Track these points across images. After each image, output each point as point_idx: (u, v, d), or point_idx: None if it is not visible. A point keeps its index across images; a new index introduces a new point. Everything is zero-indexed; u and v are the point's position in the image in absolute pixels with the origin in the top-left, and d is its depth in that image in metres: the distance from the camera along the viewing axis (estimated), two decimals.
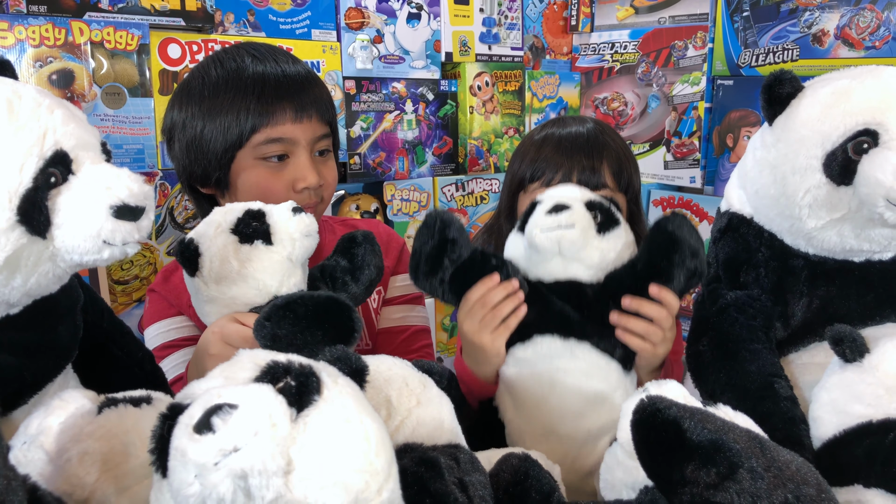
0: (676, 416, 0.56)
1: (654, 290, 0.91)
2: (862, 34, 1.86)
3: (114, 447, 0.57)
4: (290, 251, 0.86)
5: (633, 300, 0.92)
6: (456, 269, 0.95)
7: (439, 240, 0.94)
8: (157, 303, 1.16)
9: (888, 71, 0.83)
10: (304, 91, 1.10)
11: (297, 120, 1.08)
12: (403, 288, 1.28)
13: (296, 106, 1.08)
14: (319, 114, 1.11)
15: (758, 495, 0.53)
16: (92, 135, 0.68)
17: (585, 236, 0.91)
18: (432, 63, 2.21)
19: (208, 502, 0.44)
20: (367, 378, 0.57)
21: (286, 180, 1.09)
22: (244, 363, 0.51)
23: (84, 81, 1.60)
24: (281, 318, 0.77)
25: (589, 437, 0.93)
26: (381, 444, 0.49)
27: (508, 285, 0.94)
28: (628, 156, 1.22)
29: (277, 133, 1.07)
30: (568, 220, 0.90)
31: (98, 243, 0.64)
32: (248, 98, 1.06)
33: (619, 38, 2.43)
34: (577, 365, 0.93)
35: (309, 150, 1.11)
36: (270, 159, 1.08)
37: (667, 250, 0.91)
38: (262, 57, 1.11)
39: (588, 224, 0.91)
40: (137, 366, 0.88)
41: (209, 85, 1.09)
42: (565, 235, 0.90)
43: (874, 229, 0.81)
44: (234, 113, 1.06)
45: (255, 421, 0.45)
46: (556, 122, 1.26)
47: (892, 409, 0.71)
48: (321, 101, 1.12)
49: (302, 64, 1.16)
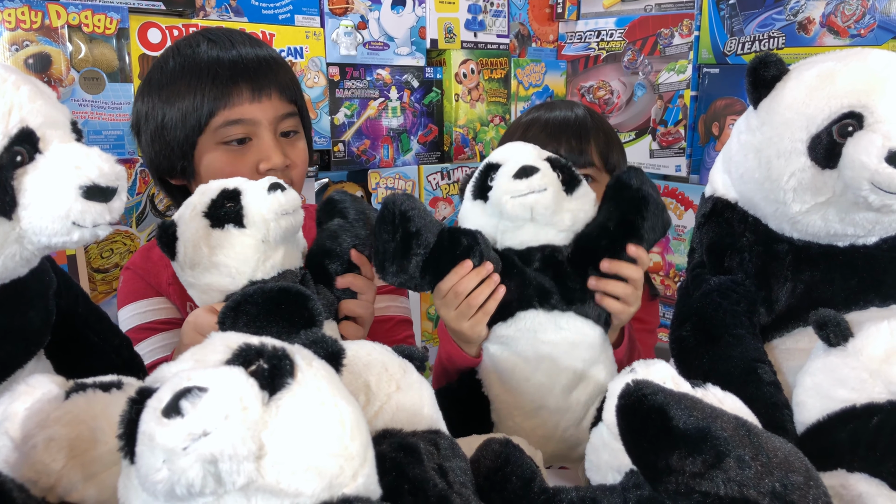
0: (663, 403, 0.55)
1: (632, 250, 0.90)
2: (847, 22, 1.85)
3: (81, 433, 0.55)
4: (265, 233, 0.84)
5: (613, 263, 0.90)
6: (425, 259, 0.90)
7: (402, 236, 0.89)
8: (133, 281, 1.14)
9: (873, 54, 0.82)
10: (261, 71, 1.08)
11: (254, 99, 1.06)
12: None
13: (253, 86, 1.06)
14: (280, 92, 1.09)
15: (745, 484, 0.52)
16: (61, 113, 0.67)
17: (557, 199, 0.88)
18: (417, 50, 2.19)
19: (177, 488, 0.42)
20: (343, 362, 0.55)
21: (249, 163, 1.07)
22: (216, 346, 0.50)
23: (61, 66, 1.57)
24: (234, 320, 0.76)
25: (578, 407, 0.93)
26: (356, 428, 0.48)
27: (482, 270, 0.89)
28: (616, 141, 1.23)
29: (236, 114, 1.05)
30: (540, 184, 0.86)
31: (67, 225, 0.62)
32: (203, 82, 1.05)
33: (605, 25, 2.42)
34: (562, 336, 0.92)
35: (272, 130, 1.08)
36: (231, 143, 1.07)
37: (638, 207, 0.90)
38: (217, 41, 1.10)
39: (558, 186, 0.89)
40: (114, 352, 0.87)
41: (167, 74, 1.08)
42: (539, 200, 0.86)
43: (858, 213, 0.81)
44: (191, 99, 1.05)
45: (226, 404, 0.43)
46: (545, 106, 1.26)
47: (875, 393, 0.70)
48: (282, 80, 1.10)
49: (263, 47, 1.14)
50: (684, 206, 2.20)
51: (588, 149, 1.16)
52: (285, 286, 0.79)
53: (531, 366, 0.93)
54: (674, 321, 0.95)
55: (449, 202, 2.27)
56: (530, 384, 0.94)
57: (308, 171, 1.99)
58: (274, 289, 0.78)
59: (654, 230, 0.91)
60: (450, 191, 2.27)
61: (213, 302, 0.86)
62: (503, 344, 0.95)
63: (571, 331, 0.92)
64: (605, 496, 0.64)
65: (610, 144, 1.20)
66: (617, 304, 0.92)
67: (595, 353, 0.93)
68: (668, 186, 2.24)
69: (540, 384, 0.93)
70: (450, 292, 0.91)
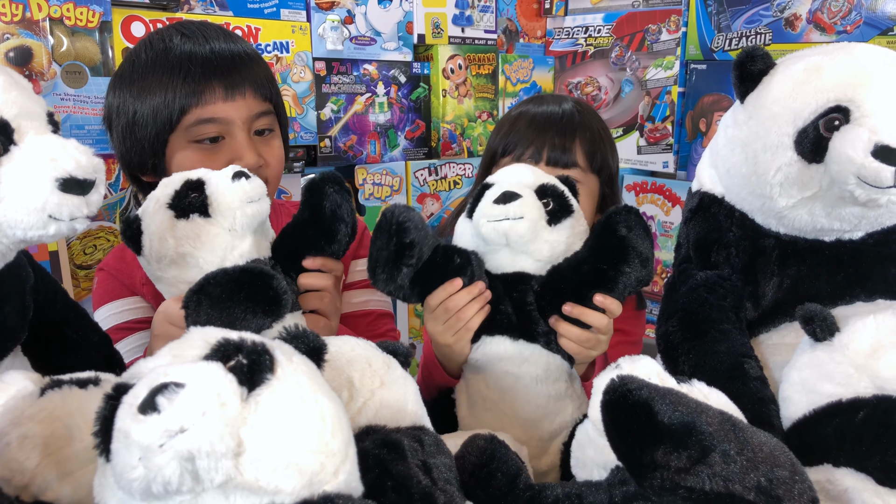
0: (647, 398, 0.55)
1: (598, 299, 0.87)
2: (833, 18, 1.86)
3: (56, 430, 0.54)
4: (231, 222, 0.82)
5: (575, 308, 0.88)
6: (417, 271, 0.90)
7: (396, 245, 0.88)
8: (107, 282, 1.12)
9: (860, 48, 0.82)
10: (234, 68, 1.04)
11: (227, 98, 1.03)
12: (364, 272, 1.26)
13: (226, 84, 1.03)
14: (255, 90, 1.06)
15: (730, 479, 0.52)
16: (37, 104, 0.65)
17: (535, 229, 0.87)
18: (404, 45, 2.18)
19: (153, 486, 0.42)
20: (325, 357, 0.55)
21: (221, 162, 1.02)
22: (194, 341, 0.49)
23: (43, 59, 1.55)
24: (197, 304, 0.75)
25: (541, 442, 0.92)
26: (337, 424, 0.47)
27: (473, 288, 0.90)
28: (604, 137, 1.20)
29: (208, 113, 1.02)
30: (516, 212, 0.85)
31: (43, 218, 0.61)
32: (175, 78, 1.01)
33: (592, 21, 2.42)
34: (526, 370, 0.91)
35: (246, 129, 1.05)
36: (203, 141, 1.04)
37: (615, 258, 0.86)
38: (190, 35, 1.06)
39: (538, 215, 0.87)
40: (94, 349, 0.85)
41: (138, 67, 1.05)
42: (513, 228, 0.86)
43: (845, 208, 0.80)
44: (162, 95, 1.02)
45: (203, 400, 0.42)
46: (535, 99, 1.25)
47: (861, 387, 0.70)
48: (256, 77, 1.07)
49: (239, 42, 1.11)
50: (671, 202, 2.20)
51: (572, 147, 1.14)
52: (248, 266, 0.77)
53: (495, 395, 0.92)
54: (660, 317, 0.95)
55: (436, 198, 2.27)
56: (492, 414, 0.93)
57: (294, 167, 1.99)
58: (237, 269, 0.77)
59: (627, 286, 0.87)
60: (437, 187, 2.26)
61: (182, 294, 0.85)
62: (474, 368, 0.95)
63: (537, 365, 0.91)
64: (591, 492, 0.63)
65: (597, 143, 1.17)
66: (575, 346, 0.90)
67: (560, 389, 0.92)
68: (656, 183, 2.24)
69: (502, 414, 0.92)
70: (439, 307, 0.91)
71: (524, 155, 1.13)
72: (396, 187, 2.18)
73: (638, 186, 2.28)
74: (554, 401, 0.92)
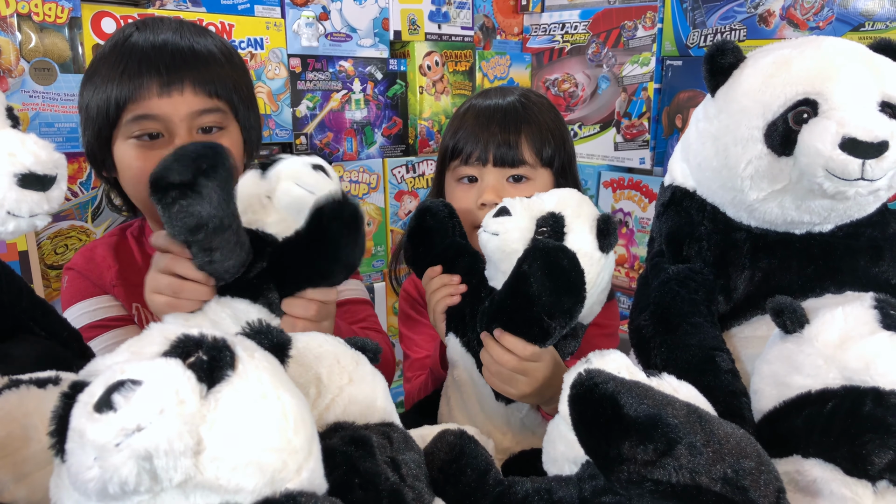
0: (613, 391, 0.55)
1: (497, 334, 0.86)
2: (806, 14, 1.87)
3: (12, 431, 0.53)
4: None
5: (485, 337, 0.88)
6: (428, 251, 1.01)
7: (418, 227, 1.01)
8: (78, 281, 1.10)
9: (828, 41, 0.83)
10: (173, 64, 1.00)
11: (162, 94, 0.98)
12: None
13: (161, 80, 0.98)
14: (196, 86, 1.00)
15: (696, 471, 0.52)
16: None
17: (506, 249, 0.88)
18: (380, 41, 2.16)
19: (109, 487, 0.41)
20: (289, 353, 0.54)
21: (157, 160, 0.98)
22: (153, 337, 0.48)
23: (10, 56, 1.52)
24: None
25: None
26: (300, 421, 0.47)
27: (446, 278, 0.97)
28: (554, 129, 1.17)
29: (143, 109, 0.98)
30: (498, 228, 0.89)
31: (1, 214, 0.60)
32: (115, 72, 0.99)
33: (569, 17, 2.42)
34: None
35: (186, 127, 1.00)
36: (142, 137, 1.00)
37: (519, 305, 0.82)
38: (144, 28, 1.03)
39: (518, 236, 0.88)
40: (63, 345, 0.84)
41: (95, 62, 1.04)
42: (489, 241, 0.90)
43: (814, 200, 0.81)
44: (105, 89, 0.99)
45: (161, 398, 0.42)
46: (482, 93, 1.24)
47: (829, 378, 0.70)
48: (200, 73, 1.01)
49: (199, 37, 1.06)
50: (648, 198, 2.21)
51: (518, 142, 1.12)
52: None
53: (458, 390, 0.97)
54: (632, 310, 0.95)
55: (414, 195, 2.26)
56: (460, 411, 0.97)
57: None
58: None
59: (535, 330, 0.83)
60: (415, 184, 2.25)
61: None
62: (451, 363, 1.00)
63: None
64: (561, 487, 0.63)
65: (545, 135, 1.14)
66: (488, 375, 0.89)
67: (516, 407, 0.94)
68: (633, 179, 2.25)
69: (474, 417, 0.96)
70: (429, 283, 1.00)
71: (472, 155, 1.13)
72: (374, 185, 2.17)
73: (615, 183, 2.29)
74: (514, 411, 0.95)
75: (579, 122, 2.39)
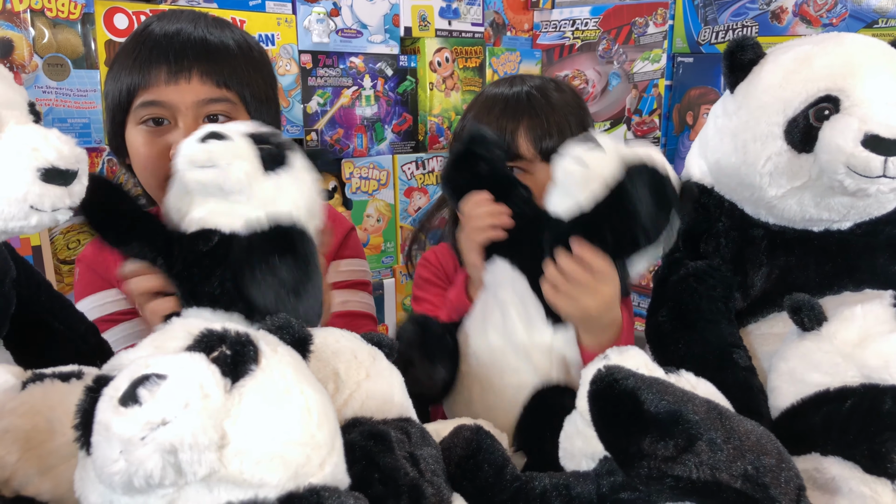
0: (634, 387, 0.55)
1: (575, 244, 0.83)
2: (819, 11, 1.86)
3: (37, 424, 0.53)
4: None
5: (557, 250, 0.85)
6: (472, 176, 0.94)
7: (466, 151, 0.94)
8: (87, 275, 1.11)
9: (850, 37, 0.82)
10: (183, 52, 1.01)
11: (170, 81, 1.00)
12: (348, 273, 1.24)
13: (169, 67, 1.00)
14: (203, 76, 1.01)
15: (717, 467, 0.52)
16: (18, 93, 0.64)
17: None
18: (391, 38, 2.16)
19: (135, 480, 0.41)
20: (310, 348, 0.54)
21: (162, 146, 1.00)
22: (176, 332, 0.48)
23: (24, 51, 1.53)
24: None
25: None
26: (323, 416, 0.47)
27: (494, 207, 0.91)
28: (562, 121, 1.11)
29: (151, 95, 1.00)
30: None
31: (24, 209, 0.60)
32: (129, 59, 1.01)
33: (580, 14, 2.41)
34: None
35: (192, 115, 1.01)
36: (149, 123, 1.02)
37: (613, 219, 0.81)
38: (162, 18, 1.05)
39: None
40: (81, 339, 0.84)
41: (117, 51, 1.07)
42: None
43: (834, 198, 0.80)
44: (120, 77, 1.02)
45: (185, 392, 0.42)
46: (497, 81, 1.20)
47: (848, 376, 0.70)
48: (210, 64, 1.02)
49: (217, 30, 1.07)
50: None
51: (514, 135, 1.07)
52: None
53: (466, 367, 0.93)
54: (650, 307, 0.94)
55: (424, 192, 2.26)
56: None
57: None
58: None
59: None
60: (424, 181, 2.25)
61: None
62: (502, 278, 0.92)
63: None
64: (579, 483, 0.63)
65: (551, 128, 1.08)
66: (550, 290, 0.85)
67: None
68: None
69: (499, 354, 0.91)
70: (474, 208, 0.93)
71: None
72: (383, 181, 2.17)
73: None
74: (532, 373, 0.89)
75: (573, 108, 2.39)
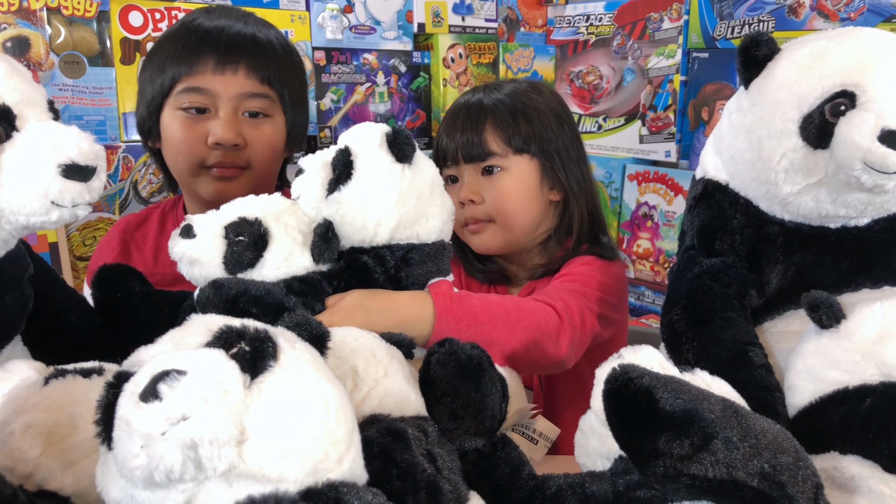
0: (649, 386, 0.55)
1: None
2: (837, 5, 1.84)
3: (60, 420, 0.54)
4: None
5: None
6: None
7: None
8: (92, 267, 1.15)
9: (866, 32, 0.81)
10: (232, 45, 1.05)
11: (217, 71, 1.04)
12: None
13: (218, 58, 1.04)
14: (250, 70, 1.06)
15: (733, 466, 0.52)
16: (38, 91, 0.65)
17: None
18: (404, 34, 2.16)
19: (155, 475, 0.41)
20: (328, 345, 0.54)
21: (199, 132, 1.05)
22: (196, 328, 0.49)
23: (40, 49, 1.54)
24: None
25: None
26: (341, 412, 0.47)
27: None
28: (527, 111, 1.15)
29: (196, 82, 1.04)
30: None
31: (46, 204, 0.61)
32: (176, 47, 1.05)
33: (594, 9, 2.40)
34: None
35: (232, 106, 1.06)
36: (189, 110, 1.05)
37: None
38: (210, 13, 1.10)
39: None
40: (98, 333, 0.85)
41: (157, 42, 1.11)
42: None
43: (850, 194, 0.80)
44: (164, 62, 1.06)
45: (205, 387, 0.42)
46: (466, 92, 1.25)
47: (867, 374, 0.70)
48: (255, 59, 1.07)
49: (262, 28, 1.12)
50: (674, 191, 2.19)
51: (481, 135, 1.13)
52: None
53: None
54: (665, 305, 0.94)
55: None
56: None
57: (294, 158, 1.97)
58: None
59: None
60: None
61: None
62: None
63: None
64: (594, 482, 0.63)
65: (514, 122, 1.13)
66: None
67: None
68: (658, 172, 2.23)
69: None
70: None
71: (447, 158, 1.16)
72: None
73: (640, 176, 2.28)
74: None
75: (604, 115, 2.38)
